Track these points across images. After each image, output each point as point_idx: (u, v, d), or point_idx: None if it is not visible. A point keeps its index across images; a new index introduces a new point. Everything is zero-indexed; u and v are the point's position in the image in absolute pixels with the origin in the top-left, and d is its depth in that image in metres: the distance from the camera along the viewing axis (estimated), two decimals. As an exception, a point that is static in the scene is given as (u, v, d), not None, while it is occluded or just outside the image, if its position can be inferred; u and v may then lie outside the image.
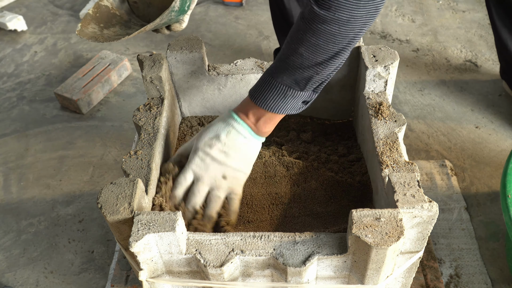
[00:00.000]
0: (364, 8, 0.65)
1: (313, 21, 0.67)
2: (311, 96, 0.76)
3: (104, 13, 0.96)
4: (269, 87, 0.75)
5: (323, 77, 0.73)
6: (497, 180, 1.23)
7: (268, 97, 0.76)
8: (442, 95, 1.50)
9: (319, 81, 0.74)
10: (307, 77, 0.72)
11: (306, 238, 0.66)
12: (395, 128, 0.80)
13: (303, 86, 0.74)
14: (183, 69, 0.94)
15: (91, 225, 1.20)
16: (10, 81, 1.69)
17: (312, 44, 0.69)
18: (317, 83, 0.74)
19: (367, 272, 0.66)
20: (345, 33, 0.67)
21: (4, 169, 1.37)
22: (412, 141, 1.35)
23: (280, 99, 0.75)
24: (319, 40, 0.68)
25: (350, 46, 0.70)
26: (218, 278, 0.67)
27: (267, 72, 0.76)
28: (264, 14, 1.93)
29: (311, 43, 0.69)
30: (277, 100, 0.75)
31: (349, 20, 0.66)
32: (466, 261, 1.05)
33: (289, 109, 0.77)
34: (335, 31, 0.67)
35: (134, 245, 0.62)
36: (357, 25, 0.67)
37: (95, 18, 0.95)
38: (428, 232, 0.68)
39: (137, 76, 1.66)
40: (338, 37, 0.68)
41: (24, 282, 1.09)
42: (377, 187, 0.77)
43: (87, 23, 0.93)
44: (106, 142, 1.42)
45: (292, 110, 0.77)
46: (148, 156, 0.78)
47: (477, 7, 1.88)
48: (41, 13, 2.05)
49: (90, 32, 0.92)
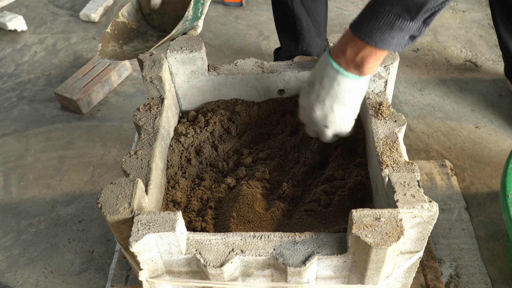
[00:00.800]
0: None
1: None
2: (420, 29, 0.69)
3: (121, 29, 0.97)
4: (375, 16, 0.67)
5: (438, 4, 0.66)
6: (497, 180, 1.23)
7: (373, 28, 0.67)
8: (442, 95, 1.50)
9: (433, 9, 0.67)
10: (421, 3, 0.65)
11: (306, 238, 0.66)
12: (395, 128, 0.80)
13: (415, 14, 0.66)
14: (183, 69, 0.94)
15: (91, 225, 1.20)
16: (10, 81, 1.69)
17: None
18: (430, 11, 0.67)
19: (367, 272, 0.66)
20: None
21: (4, 169, 1.37)
22: (412, 141, 1.35)
23: (387, 29, 0.67)
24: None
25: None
26: (218, 278, 0.67)
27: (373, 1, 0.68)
28: (264, 14, 1.93)
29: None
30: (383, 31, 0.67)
31: None
32: (466, 261, 1.05)
33: (394, 43, 0.68)
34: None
35: (134, 245, 0.62)
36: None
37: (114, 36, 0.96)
38: (428, 232, 0.68)
39: (137, 76, 1.66)
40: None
41: (24, 282, 1.09)
42: (377, 187, 0.77)
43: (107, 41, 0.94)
44: (106, 142, 1.42)
45: (398, 45, 0.69)
46: (148, 156, 0.78)
47: (477, 7, 1.88)
48: (41, 13, 2.05)
49: (110, 50, 0.93)
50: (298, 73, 0.95)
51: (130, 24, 0.98)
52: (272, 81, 0.96)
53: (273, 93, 0.99)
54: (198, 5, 0.92)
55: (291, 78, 0.96)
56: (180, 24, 0.88)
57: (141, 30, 0.99)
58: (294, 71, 0.95)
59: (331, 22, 1.84)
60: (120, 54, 0.93)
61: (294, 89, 0.98)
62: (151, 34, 1.00)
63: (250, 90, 0.98)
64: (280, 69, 0.95)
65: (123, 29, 0.97)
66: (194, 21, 0.94)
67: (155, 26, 1.01)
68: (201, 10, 0.94)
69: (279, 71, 0.95)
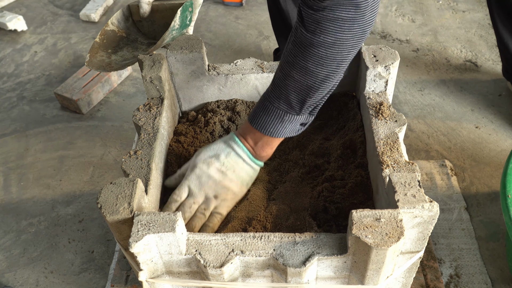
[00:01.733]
0: (349, 31, 0.65)
1: (301, 44, 0.68)
2: (307, 119, 0.77)
3: (111, 38, 0.97)
4: (267, 111, 0.76)
5: (317, 100, 0.74)
6: (497, 180, 1.23)
7: (266, 122, 0.77)
8: (442, 95, 1.50)
9: (314, 104, 0.75)
10: (301, 100, 0.73)
11: (306, 239, 0.66)
12: (396, 128, 0.80)
13: (299, 110, 0.74)
14: (183, 69, 0.94)
15: (91, 225, 1.20)
16: (10, 81, 1.69)
17: (302, 67, 0.69)
18: (311, 106, 0.75)
19: (367, 272, 0.66)
20: (332, 56, 0.67)
21: (4, 169, 1.37)
22: (412, 141, 1.35)
23: (278, 123, 0.76)
24: (308, 63, 0.69)
25: (339, 69, 0.70)
26: (218, 278, 0.67)
27: (264, 96, 0.77)
28: (264, 14, 1.93)
29: (301, 66, 0.69)
30: (275, 124, 0.76)
31: (334, 43, 0.66)
32: (466, 261, 1.05)
33: (287, 132, 0.77)
34: (322, 54, 0.67)
35: (134, 245, 0.62)
36: (344, 48, 0.67)
37: (103, 45, 0.95)
38: (429, 232, 0.67)
39: (137, 76, 1.66)
40: (326, 60, 0.68)
41: (24, 282, 1.09)
42: (377, 187, 0.77)
43: (95, 51, 0.94)
44: (106, 142, 1.42)
45: (291, 133, 0.78)
46: (148, 156, 0.78)
47: (477, 7, 1.88)
48: (41, 13, 2.05)
49: (98, 61, 0.93)
50: (298, 73, 0.95)
51: (120, 32, 0.97)
52: (272, 81, 0.96)
53: (273, 93, 0.99)
54: (186, 13, 0.91)
55: (291, 78, 0.96)
56: (166, 34, 0.87)
57: (131, 37, 0.99)
58: (294, 71, 0.95)
59: (331, 22, 1.84)
60: (107, 66, 0.92)
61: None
62: (141, 42, 0.99)
63: (250, 90, 0.98)
64: (280, 69, 0.95)
65: (113, 38, 0.97)
66: (183, 29, 0.94)
67: (145, 33, 1.01)
68: (189, 17, 0.93)
69: (279, 71, 0.95)
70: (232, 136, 0.82)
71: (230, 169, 0.80)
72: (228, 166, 0.80)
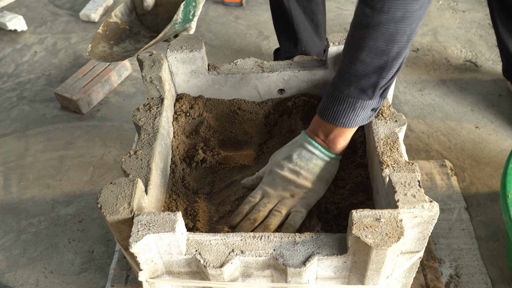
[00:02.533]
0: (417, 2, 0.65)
1: (368, 25, 0.67)
2: (379, 103, 0.75)
3: (113, 30, 0.97)
4: (337, 101, 0.74)
5: (388, 80, 0.72)
6: (497, 180, 1.23)
7: (337, 112, 0.75)
8: (442, 95, 1.50)
9: (385, 85, 0.73)
10: (373, 83, 0.71)
11: (306, 239, 0.66)
12: (396, 128, 0.80)
13: (371, 93, 0.73)
14: (183, 68, 0.94)
15: (91, 225, 1.20)
16: (10, 81, 1.69)
17: (372, 48, 0.68)
18: (383, 88, 0.73)
19: (367, 272, 0.66)
20: (402, 30, 0.66)
21: (4, 169, 1.37)
22: (412, 141, 1.35)
23: (350, 111, 0.74)
24: (378, 43, 0.68)
25: (409, 43, 0.69)
26: (218, 278, 0.67)
27: (332, 87, 0.75)
28: (264, 14, 1.93)
29: (370, 47, 0.68)
30: (347, 113, 0.74)
31: (404, 17, 0.65)
32: (466, 261, 1.05)
33: (360, 121, 0.76)
34: (392, 30, 0.66)
35: (134, 245, 0.62)
36: (413, 20, 0.66)
37: (105, 36, 0.95)
38: (429, 232, 0.67)
39: (137, 76, 1.66)
40: (396, 35, 0.67)
41: (24, 282, 1.09)
42: (377, 187, 0.77)
43: (97, 42, 0.94)
44: (106, 142, 1.42)
45: (363, 121, 0.76)
46: (148, 156, 0.78)
47: (477, 7, 1.88)
48: (41, 13, 2.05)
49: (100, 51, 0.92)
50: (298, 72, 0.95)
51: (122, 24, 0.97)
52: (272, 81, 0.96)
53: (273, 92, 0.99)
54: (189, 7, 0.91)
55: (291, 78, 0.96)
56: (168, 28, 0.87)
57: (134, 30, 0.99)
58: (294, 71, 0.95)
59: (331, 22, 1.84)
60: (109, 56, 0.92)
61: (294, 88, 0.98)
62: (144, 35, 0.99)
63: (250, 89, 0.98)
64: (280, 68, 0.95)
65: (115, 30, 0.97)
66: (186, 24, 0.93)
67: (148, 26, 1.01)
68: (193, 12, 0.93)
69: (279, 71, 0.95)
70: (302, 135, 0.81)
71: (304, 167, 0.80)
72: (301, 165, 0.80)
